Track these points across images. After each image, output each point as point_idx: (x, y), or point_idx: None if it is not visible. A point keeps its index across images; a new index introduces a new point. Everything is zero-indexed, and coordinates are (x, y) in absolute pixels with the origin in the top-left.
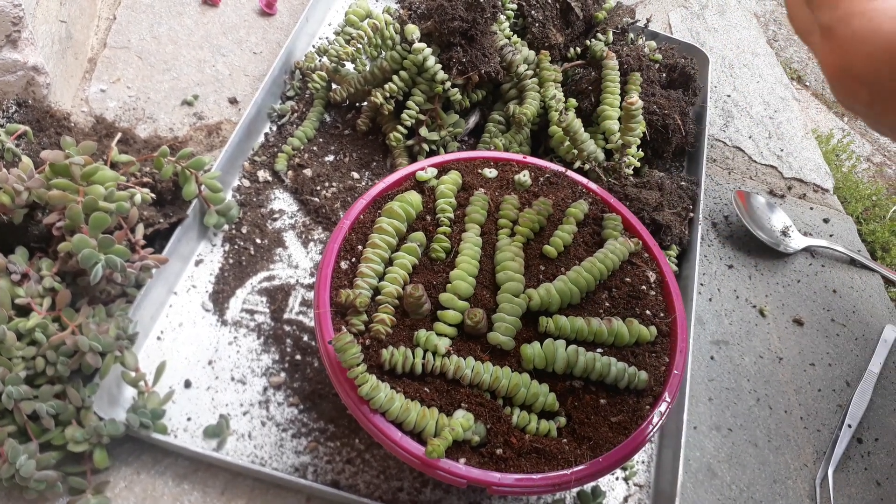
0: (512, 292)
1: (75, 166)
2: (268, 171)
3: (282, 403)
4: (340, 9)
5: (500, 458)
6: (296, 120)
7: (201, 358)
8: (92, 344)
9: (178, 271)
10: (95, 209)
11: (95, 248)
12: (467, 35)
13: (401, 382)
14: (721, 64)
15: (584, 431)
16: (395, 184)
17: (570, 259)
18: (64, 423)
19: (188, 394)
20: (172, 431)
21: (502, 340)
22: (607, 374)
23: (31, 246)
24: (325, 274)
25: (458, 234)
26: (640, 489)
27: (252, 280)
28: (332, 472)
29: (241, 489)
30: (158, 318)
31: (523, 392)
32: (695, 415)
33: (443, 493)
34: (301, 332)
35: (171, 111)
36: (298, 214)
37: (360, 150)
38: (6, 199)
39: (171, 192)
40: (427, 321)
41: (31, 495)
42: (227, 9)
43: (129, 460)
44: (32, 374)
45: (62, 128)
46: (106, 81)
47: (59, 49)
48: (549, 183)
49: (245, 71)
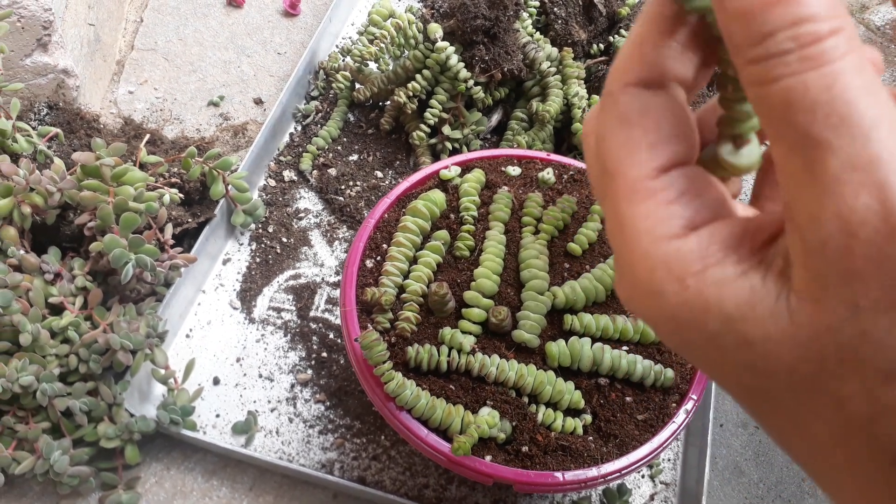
0: (536, 290)
1: (106, 167)
2: (293, 171)
3: (308, 400)
4: (363, 8)
5: (525, 456)
6: (320, 120)
7: (229, 355)
8: (123, 342)
9: (206, 270)
10: (126, 209)
11: (126, 248)
12: (490, 33)
13: (426, 380)
14: None
15: (610, 429)
16: (419, 182)
17: (594, 256)
18: (96, 420)
19: (217, 391)
20: (202, 428)
21: (527, 338)
22: (633, 372)
23: (63, 246)
24: (351, 272)
25: (481, 232)
26: (667, 487)
27: (279, 278)
28: (358, 468)
29: (268, 485)
30: (187, 316)
31: (548, 389)
32: (721, 412)
33: (468, 490)
34: (327, 329)
35: (197, 112)
36: (323, 213)
37: (384, 149)
38: (39, 200)
39: (199, 192)
40: (452, 319)
41: (65, 490)
42: (252, 10)
43: (159, 456)
44: (66, 371)
45: (92, 129)
46: (134, 83)
47: (87, 52)
48: (573, 180)
49: (270, 71)
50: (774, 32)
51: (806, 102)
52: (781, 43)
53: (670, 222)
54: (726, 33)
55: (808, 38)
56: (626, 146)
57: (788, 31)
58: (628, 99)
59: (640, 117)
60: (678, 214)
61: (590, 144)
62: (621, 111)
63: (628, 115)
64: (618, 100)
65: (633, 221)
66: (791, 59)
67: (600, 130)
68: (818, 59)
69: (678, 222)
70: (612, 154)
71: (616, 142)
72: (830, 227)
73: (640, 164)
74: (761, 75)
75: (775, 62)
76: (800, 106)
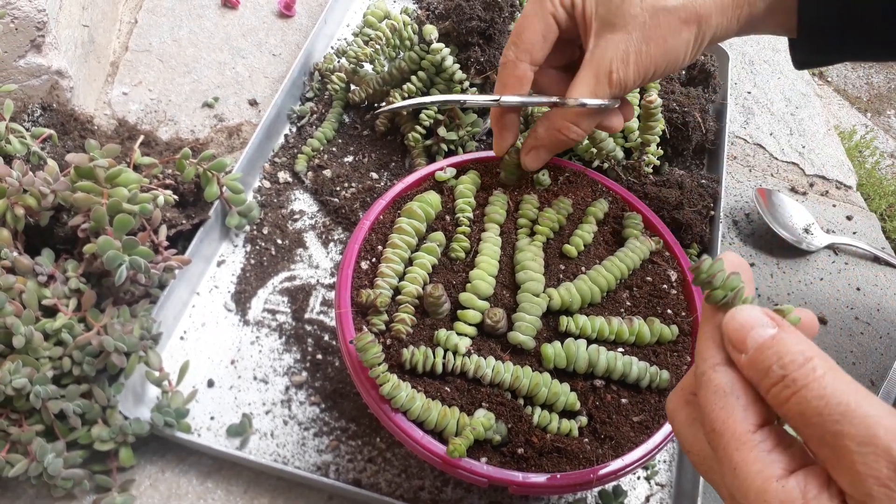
0: (532, 292)
1: (100, 169)
2: (288, 173)
3: (303, 402)
4: (358, 10)
5: (521, 458)
6: (315, 121)
7: (224, 357)
8: (117, 344)
9: (200, 272)
10: (119, 211)
11: (120, 250)
12: (485, 35)
13: (421, 382)
14: (741, 60)
15: (606, 431)
16: (414, 184)
17: (590, 258)
18: (90, 422)
19: (211, 393)
20: (196, 430)
21: (522, 340)
22: (629, 374)
23: (57, 248)
24: (346, 274)
25: (477, 233)
26: (662, 488)
27: (273, 280)
28: (353, 470)
29: (263, 487)
30: (181, 318)
31: (544, 391)
32: None
33: (464, 492)
34: (322, 331)
35: (192, 113)
36: (318, 215)
37: (379, 150)
38: (33, 201)
39: (193, 194)
40: (447, 321)
41: (59, 493)
42: (247, 11)
43: (153, 459)
44: (59, 373)
45: (86, 131)
46: (128, 84)
47: (81, 53)
48: (569, 182)
49: (265, 73)
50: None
51: (812, 411)
52: (776, 372)
53: (774, 466)
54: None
55: (792, 366)
56: (726, 409)
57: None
58: (718, 376)
59: (732, 387)
60: (778, 460)
61: (680, 419)
62: (716, 385)
63: (722, 387)
64: (711, 378)
65: (745, 465)
66: (788, 383)
67: (701, 401)
68: (804, 378)
69: (780, 466)
70: (716, 416)
71: (717, 407)
72: (869, 484)
73: (741, 421)
74: (776, 398)
75: (780, 387)
76: (811, 414)
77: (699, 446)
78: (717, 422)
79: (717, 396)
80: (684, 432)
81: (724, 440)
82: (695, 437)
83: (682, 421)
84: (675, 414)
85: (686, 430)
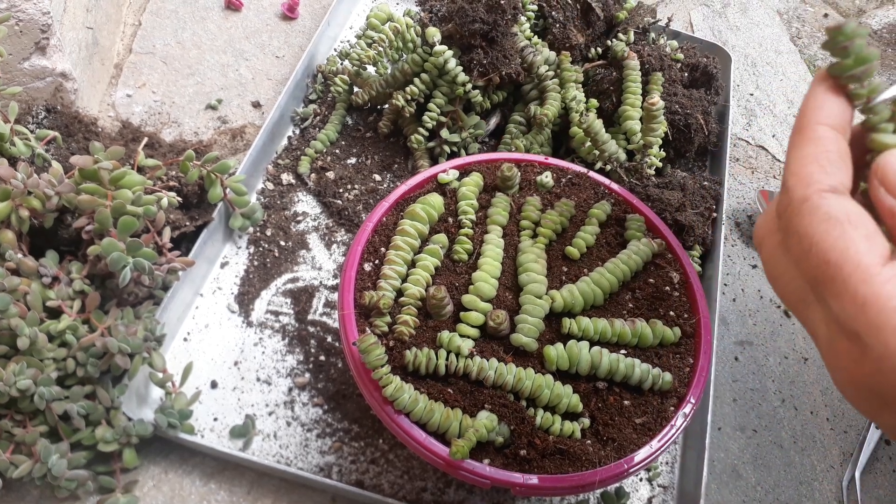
0: (535, 294)
1: (104, 171)
2: (291, 174)
3: (306, 404)
4: (362, 12)
5: (523, 460)
6: (318, 123)
7: (227, 359)
8: (121, 345)
9: (204, 273)
10: (123, 213)
11: (124, 252)
12: (488, 37)
13: (424, 383)
14: (744, 62)
15: (608, 433)
16: (417, 186)
17: (592, 260)
18: (94, 424)
19: (214, 394)
20: (199, 431)
21: (525, 342)
22: (631, 376)
23: (61, 249)
24: (349, 276)
25: (480, 235)
26: (665, 490)
27: (276, 282)
28: (356, 471)
29: (266, 488)
30: (185, 319)
31: (546, 393)
32: (719, 416)
33: (466, 494)
34: (325, 333)
35: (195, 115)
36: (321, 217)
37: (382, 152)
38: (37, 203)
39: (197, 196)
40: (450, 323)
41: (63, 494)
42: (250, 13)
43: (157, 460)
44: (63, 375)
45: (90, 133)
46: (132, 86)
47: (86, 55)
48: (571, 184)
49: (268, 75)
50: None
51: None
52: None
53: None
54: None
55: None
56: (843, 240)
57: None
58: (830, 202)
59: (848, 216)
60: None
61: (772, 244)
62: (827, 212)
63: (836, 216)
64: (819, 204)
65: (880, 300)
66: None
67: (804, 230)
68: None
69: None
70: (832, 246)
71: (830, 237)
72: None
73: (866, 253)
74: None
75: None
76: None
77: (789, 276)
78: (832, 253)
79: (829, 225)
80: (773, 261)
81: (843, 272)
82: (785, 267)
83: (773, 245)
84: (765, 239)
85: (777, 258)
